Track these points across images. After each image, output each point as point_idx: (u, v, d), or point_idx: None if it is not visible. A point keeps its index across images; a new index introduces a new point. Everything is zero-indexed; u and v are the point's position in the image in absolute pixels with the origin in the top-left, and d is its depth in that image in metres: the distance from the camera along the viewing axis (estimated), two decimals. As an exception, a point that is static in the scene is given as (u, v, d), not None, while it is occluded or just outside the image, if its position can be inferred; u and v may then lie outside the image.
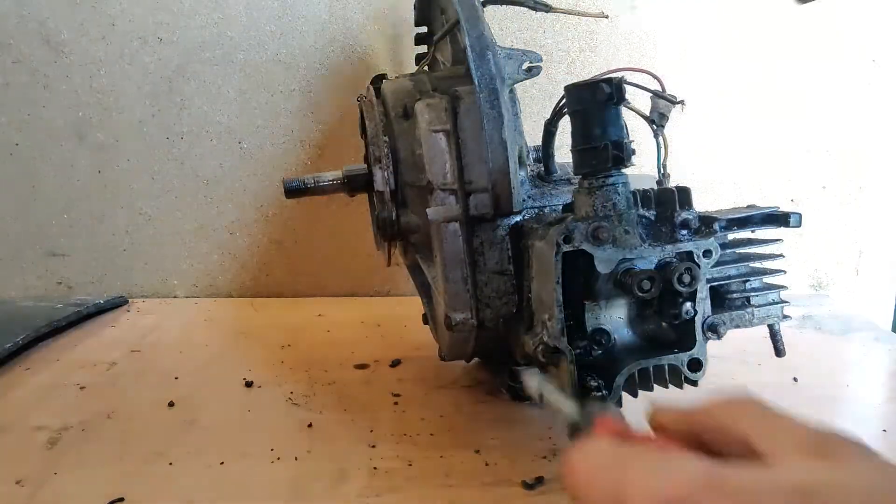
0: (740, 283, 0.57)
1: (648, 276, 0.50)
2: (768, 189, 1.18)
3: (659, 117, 0.64)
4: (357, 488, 0.59)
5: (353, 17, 1.11)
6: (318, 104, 1.13)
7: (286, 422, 0.72)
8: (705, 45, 1.12)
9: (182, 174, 1.15)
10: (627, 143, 0.52)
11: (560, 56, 1.10)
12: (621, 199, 0.52)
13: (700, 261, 0.52)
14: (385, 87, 0.72)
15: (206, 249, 1.18)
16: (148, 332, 1.00)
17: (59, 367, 0.87)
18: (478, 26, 0.60)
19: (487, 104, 0.59)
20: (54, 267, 1.17)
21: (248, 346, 0.95)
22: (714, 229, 0.53)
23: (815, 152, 1.17)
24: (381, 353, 0.89)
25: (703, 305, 0.52)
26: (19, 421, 0.72)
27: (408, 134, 0.67)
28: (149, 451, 0.65)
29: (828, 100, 1.15)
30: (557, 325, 0.51)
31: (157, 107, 1.12)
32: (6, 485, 0.59)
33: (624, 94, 0.51)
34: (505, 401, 0.75)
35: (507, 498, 0.58)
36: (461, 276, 0.62)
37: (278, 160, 1.15)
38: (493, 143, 0.59)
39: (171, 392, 0.78)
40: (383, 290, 1.21)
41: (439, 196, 0.61)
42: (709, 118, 1.13)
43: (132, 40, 1.10)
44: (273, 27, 1.11)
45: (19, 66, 1.10)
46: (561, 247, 0.50)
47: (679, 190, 0.54)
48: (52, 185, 1.14)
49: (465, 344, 0.68)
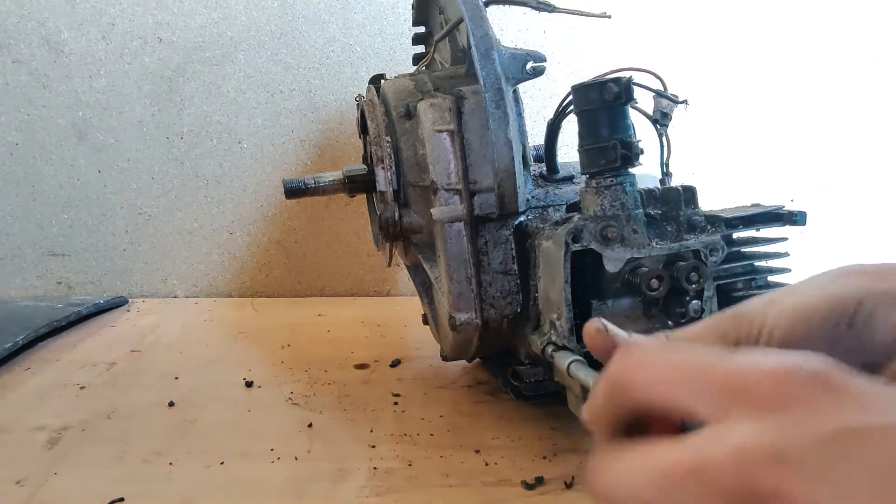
0: (746, 282, 0.57)
1: (657, 275, 0.50)
2: (768, 189, 1.18)
3: (662, 117, 0.64)
4: (357, 488, 0.59)
5: (353, 17, 1.11)
6: (318, 104, 1.13)
7: (286, 422, 0.72)
8: (705, 45, 1.12)
9: (182, 174, 1.15)
10: (635, 143, 0.52)
11: (560, 56, 1.10)
12: (629, 198, 0.52)
13: (707, 259, 0.52)
14: (386, 87, 0.72)
15: (206, 249, 1.17)
16: (148, 332, 0.99)
17: (59, 367, 0.86)
18: (482, 26, 0.60)
19: (493, 104, 0.58)
20: (54, 267, 1.17)
21: (248, 346, 0.94)
22: (720, 228, 0.53)
23: (815, 152, 1.17)
24: (381, 353, 0.89)
25: (710, 304, 0.52)
26: (19, 421, 0.72)
27: (410, 134, 0.66)
28: (149, 451, 0.65)
29: (828, 100, 1.15)
30: (567, 324, 0.51)
31: (157, 107, 1.12)
32: (6, 485, 0.59)
33: (632, 94, 0.51)
34: (505, 400, 0.75)
35: (507, 498, 0.58)
36: (465, 276, 0.61)
37: (278, 160, 1.15)
38: (498, 142, 0.59)
39: (171, 392, 0.78)
40: (383, 290, 1.21)
41: (443, 196, 0.61)
42: (709, 118, 1.13)
43: (132, 40, 1.10)
44: (273, 27, 1.11)
45: (19, 66, 1.09)
46: (570, 246, 0.50)
47: (685, 189, 0.54)
48: (52, 185, 1.14)
49: (469, 344, 0.68)
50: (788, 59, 1.13)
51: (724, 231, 0.54)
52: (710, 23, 1.12)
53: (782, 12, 1.12)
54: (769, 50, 1.13)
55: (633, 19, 1.10)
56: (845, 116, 1.15)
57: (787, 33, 1.13)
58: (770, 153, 1.17)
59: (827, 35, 1.13)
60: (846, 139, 1.16)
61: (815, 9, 1.12)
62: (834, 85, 1.14)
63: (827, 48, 1.13)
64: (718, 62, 1.13)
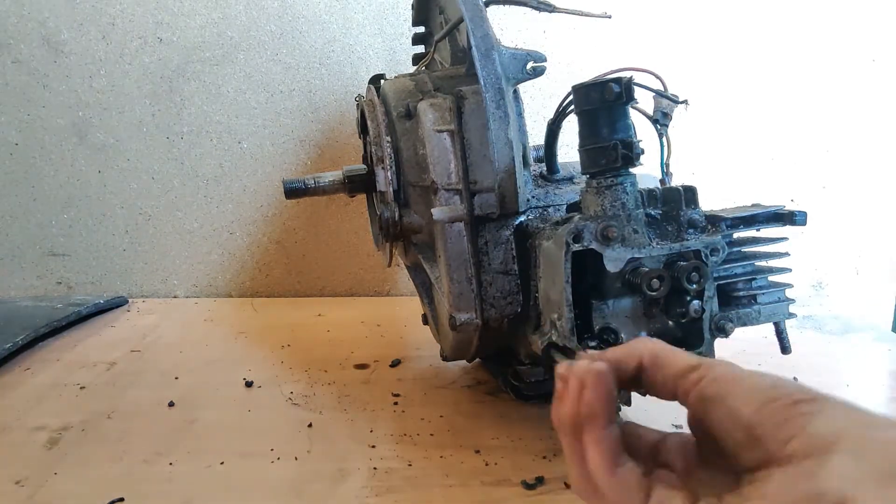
0: (746, 282, 0.57)
1: (658, 275, 0.50)
2: (768, 189, 1.18)
3: (662, 116, 0.64)
4: (357, 488, 0.59)
5: (353, 17, 1.11)
6: (318, 104, 1.13)
7: (286, 422, 0.72)
8: (705, 45, 1.12)
9: (182, 174, 1.15)
10: (636, 143, 0.52)
11: (560, 56, 1.10)
12: (630, 198, 0.52)
13: (708, 259, 0.52)
14: (386, 87, 0.72)
15: (206, 249, 1.17)
16: (148, 332, 0.99)
17: (59, 367, 0.86)
18: (482, 26, 0.60)
19: (493, 104, 0.58)
20: (54, 267, 1.17)
21: (248, 346, 0.94)
22: (720, 228, 0.53)
23: (815, 152, 1.17)
24: (381, 353, 0.89)
25: (711, 304, 0.52)
26: (19, 421, 0.72)
27: (410, 134, 0.66)
28: (149, 451, 0.65)
29: (828, 100, 1.15)
30: (568, 324, 0.51)
31: (157, 107, 1.12)
32: (6, 485, 0.59)
33: (633, 94, 0.51)
34: (505, 400, 0.75)
35: (507, 498, 0.58)
36: (466, 276, 0.61)
37: (278, 160, 1.15)
38: (499, 142, 0.59)
39: (171, 392, 0.78)
40: (383, 290, 1.21)
41: (444, 196, 0.61)
42: (708, 118, 1.13)
43: (132, 40, 1.10)
44: (273, 27, 1.11)
45: (19, 66, 1.09)
46: (571, 246, 0.50)
47: (685, 189, 0.54)
48: (52, 185, 1.14)
49: (469, 344, 0.68)
50: (788, 59, 1.13)
51: (725, 231, 0.54)
52: (709, 23, 1.12)
53: (782, 12, 1.12)
54: (769, 50, 1.13)
55: (632, 19, 1.10)
56: (845, 116, 1.15)
57: (787, 33, 1.13)
58: (770, 153, 1.17)
59: (827, 35, 1.13)
60: (846, 139, 1.16)
61: (815, 9, 1.12)
62: (834, 85, 1.14)
63: (827, 48, 1.13)
64: (718, 62, 1.13)
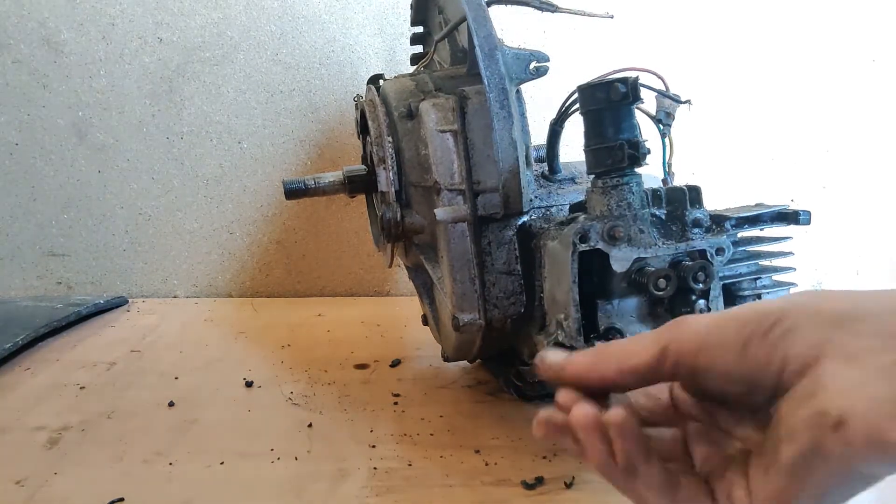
0: (751, 281, 0.57)
1: (665, 275, 0.50)
2: (769, 189, 1.18)
3: (665, 117, 0.64)
4: (357, 488, 0.59)
5: (353, 17, 1.11)
6: (318, 104, 1.13)
7: (286, 422, 0.72)
8: (706, 45, 1.12)
9: (182, 174, 1.14)
10: (642, 143, 0.52)
11: (561, 56, 1.10)
12: (636, 198, 0.52)
13: (714, 259, 0.52)
14: (386, 87, 0.72)
15: (206, 249, 1.17)
16: (148, 332, 0.99)
17: (59, 367, 0.86)
18: (486, 26, 0.60)
19: (497, 104, 0.58)
20: (54, 267, 1.17)
21: (248, 346, 0.94)
22: (725, 227, 0.53)
23: (815, 152, 1.17)
24: (381, 353, 0.89)
25: (717, 303, 0.52)
26: (19, 421, 0.72)
27: (412, 134, 0.66)
28: (149, 451, 0.65)
29: (828, 100, 1.15)
30: (574, 324, 0.51)
31: (157, 107, 1.12)
32: (6, 485, 0.59)
33: (639, 93, 0.51)
34: (505, 400, 0.75)
35: (507, 498, 0.58)
36: (469, 276, 0.61)
37: (278, 160, 1.15)
38: (503, 142, 0.59)
39: (171, 392, 0.78)
40: (383, 290, 1.21)
41: (447, 196, 0.61)
42: (708, 118, 1.13)
43: (132, 40, 1.10)
44: (273, 27, 1.11)
45: (19, 66, 1.09)
46: (577, 246, 0.50)
47: (690, 189, 0.54)
48: (52, 185, 1.14)
49: (472, 345, 0.67)
50: (789, 60, 1.13)
51: (730, 231, 0.54)
52: (710, 23, 1.12)
53: (783, 12, 1.12)
54: (770, 50, 1.13)
55: (634, 19, 1.10)
56: (845, 116, 1.15)
57: (787, 33, 1.13)
58: (770, 153, 1.17)
59: (827, 35, 1.13)
60: (846, 139, 1.16)
61: (815, 9, 1.12)
62: (834, 85, 1.14)
63: (827, 48, 1.13)
64: (718, 62, 1.13)
